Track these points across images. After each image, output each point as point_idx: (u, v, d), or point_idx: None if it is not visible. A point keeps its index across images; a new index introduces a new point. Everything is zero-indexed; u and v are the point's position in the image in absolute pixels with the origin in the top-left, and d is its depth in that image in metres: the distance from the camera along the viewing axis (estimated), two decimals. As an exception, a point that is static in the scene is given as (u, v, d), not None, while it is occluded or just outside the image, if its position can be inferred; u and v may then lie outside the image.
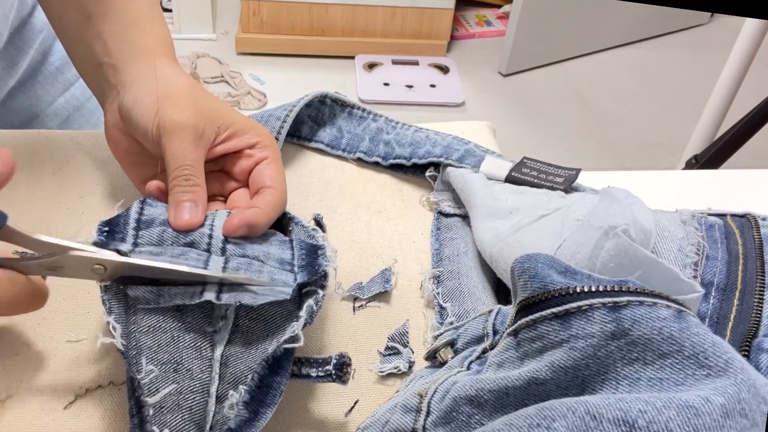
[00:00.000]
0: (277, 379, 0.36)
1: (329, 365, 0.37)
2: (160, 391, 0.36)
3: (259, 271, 0.40)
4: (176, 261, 0.39)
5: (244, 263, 0.40)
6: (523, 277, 0.33)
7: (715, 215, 0.47)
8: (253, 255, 0.41)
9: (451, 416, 0.34)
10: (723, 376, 0.28)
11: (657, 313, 0.29)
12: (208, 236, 0.42)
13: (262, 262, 0.41)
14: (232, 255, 0.41)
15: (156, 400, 0.35)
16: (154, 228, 0.41)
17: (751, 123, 1.36)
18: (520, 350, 0.33)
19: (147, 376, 0.36)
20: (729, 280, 0.43)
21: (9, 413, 0.38)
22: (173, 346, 0.37)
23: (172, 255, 0.40)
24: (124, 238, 0.40)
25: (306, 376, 0.37)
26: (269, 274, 0.40)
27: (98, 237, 0.40)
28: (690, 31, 2.49)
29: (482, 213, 0.48)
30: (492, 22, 2.43)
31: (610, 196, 0.44)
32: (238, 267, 0.40)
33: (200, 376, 0.37)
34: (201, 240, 0.41)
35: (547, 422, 0.28)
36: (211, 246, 0.41)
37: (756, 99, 1.37)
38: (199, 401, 0.36)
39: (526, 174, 0.51)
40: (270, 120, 0.55)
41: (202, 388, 0.37)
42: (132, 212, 0.42)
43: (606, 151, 1.96)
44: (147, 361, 0.36)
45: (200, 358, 0.37)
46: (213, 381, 0.37)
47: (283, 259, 0.42)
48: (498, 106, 2.09)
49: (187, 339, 0.38)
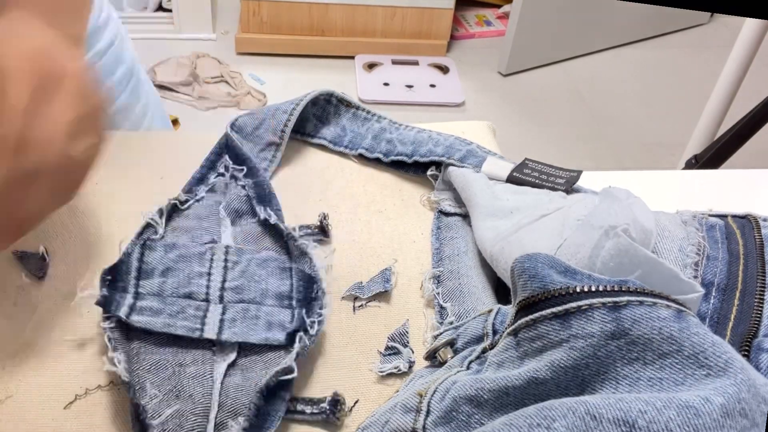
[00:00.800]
0: (274, 407, 0.38)
1: (324, 403, 0.39)
2: (164, 412, 0.37)
3: (255, 318, 0.42)
4: (174, 321, 0.41)
5: (241, 311, 0.42)
6: (523, 276, 0.33)
7: (716, 216, 0.47)
8: (249, 298, 0.43)
9: (450, 416, 0.34)
10: (723, 376, 0.28)
11: (657, 313, 0.29)
12: (206, 286, 0.43)
13: (259, 304, 0.43)
14: (230, 302, 0.43)
15: (160, 421, 0.37)
16: (154, 279, 0.43)
17: (751, 123, 1.36)
18: (520, 350, 0.33)
19: (151, 400, 0.37)
20: (729, 280, 0.43)
21: (9, 413, 0.38)
22: (175, 378, 0.39)
23: (170, 314, 0.41)
24: (126, 288, 0.42)
25: (300, 413, 0.39)
26: (265, 318, 0.42)
27: (101, 287, 0.41)
28: (690, 31, 2.49)
29: (483, 212, 0.48)
30: (492, 22, 2.43)
31: (611, 196, 0.44)
32: (234, 317, 0.42)
33: (201, 401, 0.38)
34: (199, 291, 0.43)
35: (547, 422, 0.28)
36: (209, 294, 0.43)
37: (756, 99, 1.37)
38: (200, 424, 0.37)
39: (528, 175, 0.51)
40: (277, 113, 0.55)
41: (204, 413, 0.38)
42: (133, 260, 0.43)
43: (606, 151, 1.96)
44: (151, 386, 0.38)
45: (202, 386, 0.39)
46: (213, 407, 0.38)
47: (282, 294, 0.44)
48: (498, 106, 2.09)
49: (189, 371, 0.40)
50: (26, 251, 0.46)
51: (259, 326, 0.41)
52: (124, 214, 0.50)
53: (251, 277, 0.44)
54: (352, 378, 0.42)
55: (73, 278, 0.45)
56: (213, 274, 0.44)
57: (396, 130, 0.57)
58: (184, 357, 0.40)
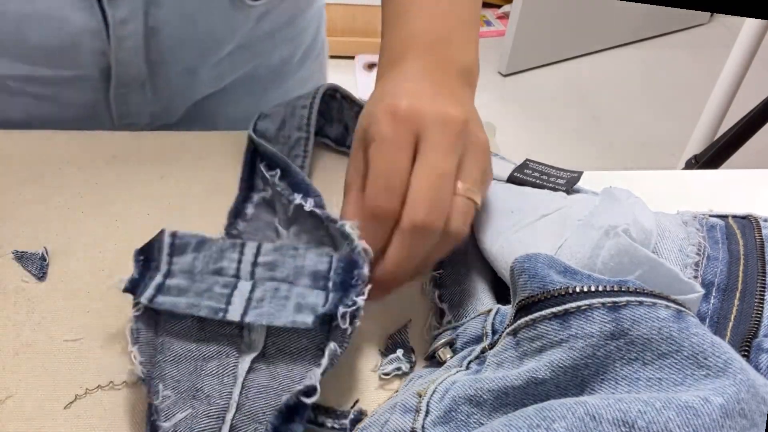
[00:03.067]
0: (291, 427, 0.35)
1: (345, 419, 0.38)
2: (176, 416, 0.36)
3: (285, 299, 0.39)
4: (199, 301, 0.39)
5: (271, 290, 0.40)
6: (522, 276, 0.33)
7: (717, 216, 0.47)
8: (282, 276, 0.40)
9: (450, 416, 0.34)
10: (722, 376, 0.28)
11: (656, 313, 0.29)
12: (237, 261, 0.41)
13: (291, 283, 0.40)
14: (260, 279, 0.40)
15: (171, 425, 0.36)
16: (187, 254, 0.41)
17: (751, 123, 1.36)
18: (520, 350, 0.33)
19: (164, 401, 0.36)
20: (730, 281, 0.43)
21: (9, 413, 0.38)
22: (195, 375, 0.38)
23: (197, 292, 0.40)
24: (158, 266, 0.40)
25: (321, 425, 0.38)
26: (296, 299, 0.39)
27: (135, 266, 0.40)
28: (690, 31, 2.49)
29: (483, 212, 0.48)
30: (492, 22, 2.43)
31: (612, 196, 0.44)
32: (263, 296, 0.39)
33: (218, 402, 0.37)
34: (230, 266, 0.41)
35: (547, 423, 0.28)
36: (240, 270, 0.41)
37: (756, 99, 1.37)
38: (213, 426, 0.36)
39: (528, 175, 0.51)
40: (296, 110, 0.54)
41: (218, 415, 0.37)
42: (165, 236, 0.41)
43: (606, 151, 1.96)
44: (164, 387, 0.37)
45: (221, 384, 0.38)
46: (230, 408, 0.37)
47: (318, 273, 0.40)
48: (498, 106, 2.09)
49: (210, 366, 0.38)
50: (26, 251, 0.46)
51: (288, 308, 0.39)
52: (124, 214, 0.50)
53: (287, 252, 0.41)
54: (352, 378, 0.42)
55: (73, 278, 0.45)
56: (247, 245, 0.41)
57: None
58: (208, 348, 0.39)
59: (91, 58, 0.56)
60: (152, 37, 0.57)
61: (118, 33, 0.55)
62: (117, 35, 0.55)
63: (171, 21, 0.57)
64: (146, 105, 0.62)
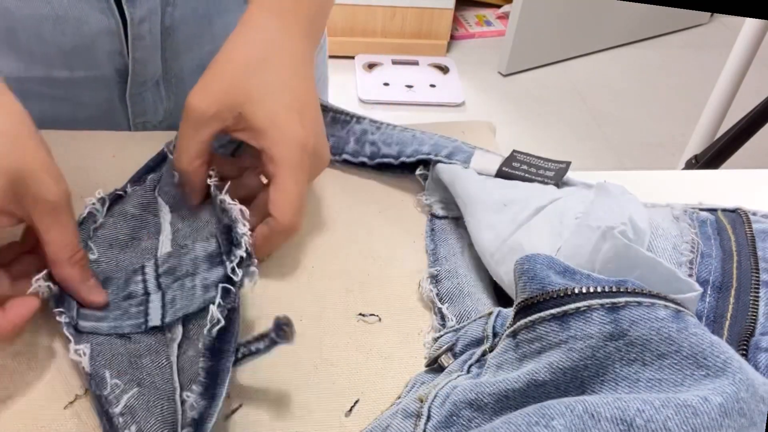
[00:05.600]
0: (221, 363, 0.38)
1: (268, 335, 0.38)
2: (123, 398, 0.38)
3: (192, 288, 0.42)
4: (119, 323, 0.42)
5: (178, 289, 0.43)
6: (522, 278, 0.33)
7: (706, 210, 0.47)
8: (183, 273, 0.43)
9: (451, 420, 0.34)
10: (721, 375, 0.28)
11: (655, 313, 0.30)
12: (143, 282, 0.44)
13: (193, 274, 0.43)
14: (167, 286, 0.43)
15: (120, 408, 0.37)
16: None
17: (751, 123, 1.36)
18: (519, 351, 0.33)
19: (113, 391, 0.38)
20: (724, 278, 0.43)
21: (9, 413, 0.38)
22: (133, 369, 0.40)
23: (114, 318, 0.42)
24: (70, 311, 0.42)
25: (255, 353, 0.38)
26: (201, 283, 0.42)
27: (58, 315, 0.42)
28: (690, 31, 2.49)
29: (476, 208, 0.47)
30: (492, 22, 2.43)
31: (606, 192, 0.44)
32: (174, 297, 0.42)
33: (164, 387, 0.39)
34: (136, 289, 0.43)
35: (546, 420, 0.28)
36: (148, 288, 0.43)
37: (756, 99, 1.37)
38: (168, 407, 0.38)
39: (517, 168, 0.50)
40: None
41: (170, 396, 0.38)
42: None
43: (606, 151, 1.96)
44: (111, 376, 0.39)
45: (161, 373, 0.39)
46: (176, 389, 0.38)
47: (211, 254, 0.43)
48: (498, 106, 2.09)
49: (144, 362, 0.40)
50: (26, 252, 0.46)
51: (197, 293, 0.42)
52: (124, 214, 0.50)
53: (179, 253, 0.44)
54: (352, 378, 0.42)
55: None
56: (147, 266, 0.44)
57: (378, 131, 0.55)
58: (137, 348, 0.41)
59: (107, 58, 0.57)
60: (168, 36, 0.57)
61: (135, 32, 0.55)
62: (134, 34, 0.55)
63: (186, 19, 0.58)
64: (161, 103, 0.63)
